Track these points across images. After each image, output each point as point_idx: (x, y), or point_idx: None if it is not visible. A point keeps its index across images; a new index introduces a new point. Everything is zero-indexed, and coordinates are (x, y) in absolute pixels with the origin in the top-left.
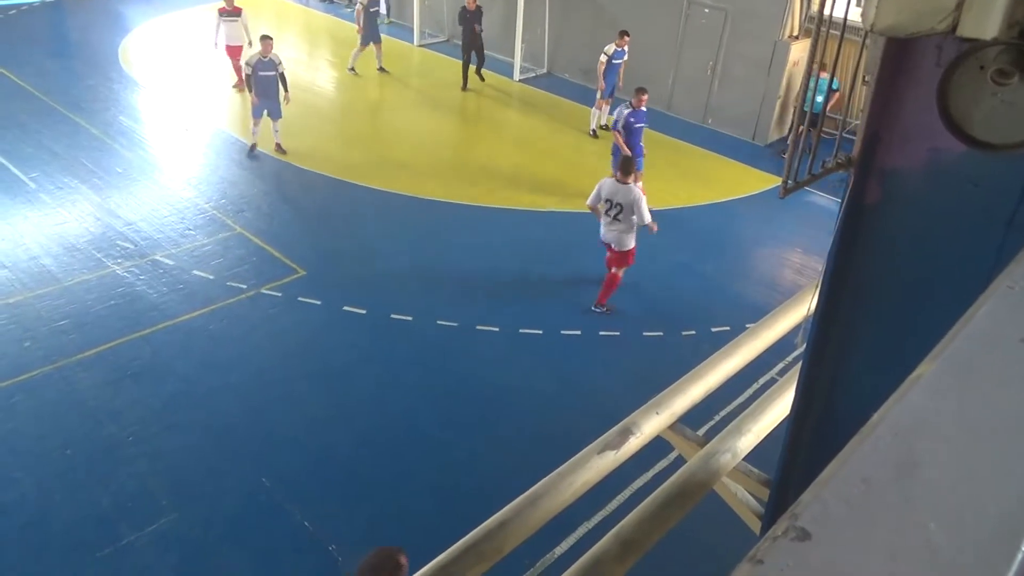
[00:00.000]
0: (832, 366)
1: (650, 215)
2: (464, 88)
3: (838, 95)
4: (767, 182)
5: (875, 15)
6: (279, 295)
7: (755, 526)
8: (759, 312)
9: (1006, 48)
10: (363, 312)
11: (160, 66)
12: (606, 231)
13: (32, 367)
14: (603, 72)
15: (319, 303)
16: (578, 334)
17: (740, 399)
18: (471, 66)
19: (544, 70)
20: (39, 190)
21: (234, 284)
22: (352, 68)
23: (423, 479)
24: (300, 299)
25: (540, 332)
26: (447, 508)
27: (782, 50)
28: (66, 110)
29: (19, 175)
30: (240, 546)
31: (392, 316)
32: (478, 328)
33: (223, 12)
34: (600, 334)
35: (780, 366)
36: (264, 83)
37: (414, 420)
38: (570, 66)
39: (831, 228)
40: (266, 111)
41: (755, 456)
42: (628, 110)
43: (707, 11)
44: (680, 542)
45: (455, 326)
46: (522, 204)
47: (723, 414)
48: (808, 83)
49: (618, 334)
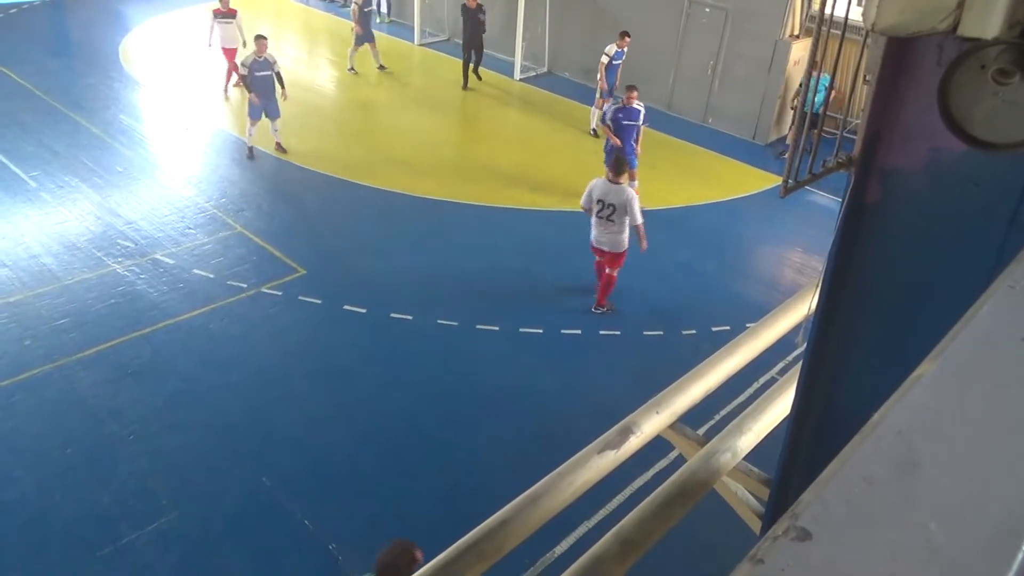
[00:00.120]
0: (832, 365)
1: (642, 216)
2: (465, 87)
3: (834, 93)
4: (767, 181)
5: (876, 14)
6: (279, 294)
7: (755, 526)
8: (759, 311)
9: (1007, 48)
10: (363, 311)
11: (160, 65)
12: (599, 233)
13: (32, 366)
14: (604, 72)
15: (319, 302)
16: (578, 333)
17: (740, 398)
18: (470, 64)
19: (544, 69)
20: (40, 189)
21: (234, 283)
22: (352, 68)
23: (423, 478)
24: (300, 298)
25: (540, 331)
26: (447, 507)
27: (783, 49)
28: (67, 109)
29: (20, 174)
30: (240, 545)
31: (392, 315)
32: (478, 327)
33: (218, 13)
34: (600, 333)
35: (780, 365)
36: (261, 83)
37: (414, 419)
38: (570, 65)
39: (831, 227)
40: (264, 111)
41: (755, 455)
42: (616, 106)
43: (708, 10)
44: (680, 541)
45: (455, 325)
46: (523, 203)
47: (723, 413)
48: (807, 83)
49: (618, 333)
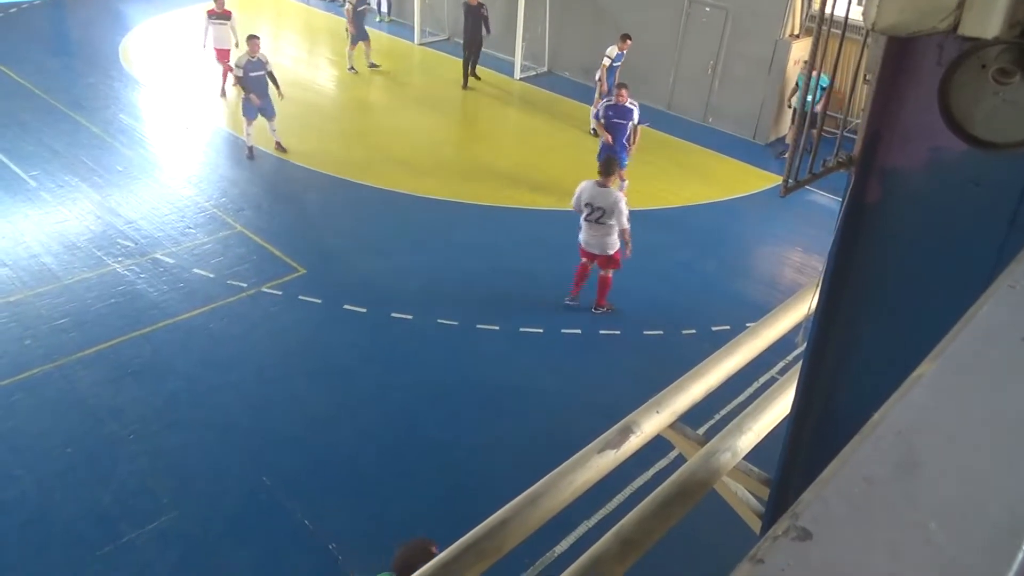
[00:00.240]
0: (833, 365)
1: (628, 220)
2: (465, 86)
3: (830, 92)
4: (768, 181)
5: (876, 14)
6: (279, 293)
7: (755, 525)
8: (759, 311)
9: (1007, 47)
10: (363, 311)
11: (160, 64)
12: (589, 236)
13: (32, 365)
14: (604, 74)
15: (319, 301)
16: (579, 333)
17: (740, 398)
18: (470, 63)
19: (545, 69)
20: (39, 188)
21: (234, 282)
22: (352, 67)
23: (423, 477)
24: (300, 297)
25: (541, 331)
26: (447, 507)
27: (783, 49)
28: (66, 108)
29: (19, 173)
30: (240, 544)
31: (392, 315)
32: (479, 327)
33: (212, 14)
34: (600, 333)
35: (780, 365)
36: (256, 83)
37: (414, 419)
38: (571, 65)
39: (831, 227)
40: (260, 111)
41: (755, 455)
42: (608, 103)
43: (708, 10)
44: (680, 541)
45: (455, 325)
46: (523, 203)
47: (723, 413)
48: (806, 82)
49: (618, 333)
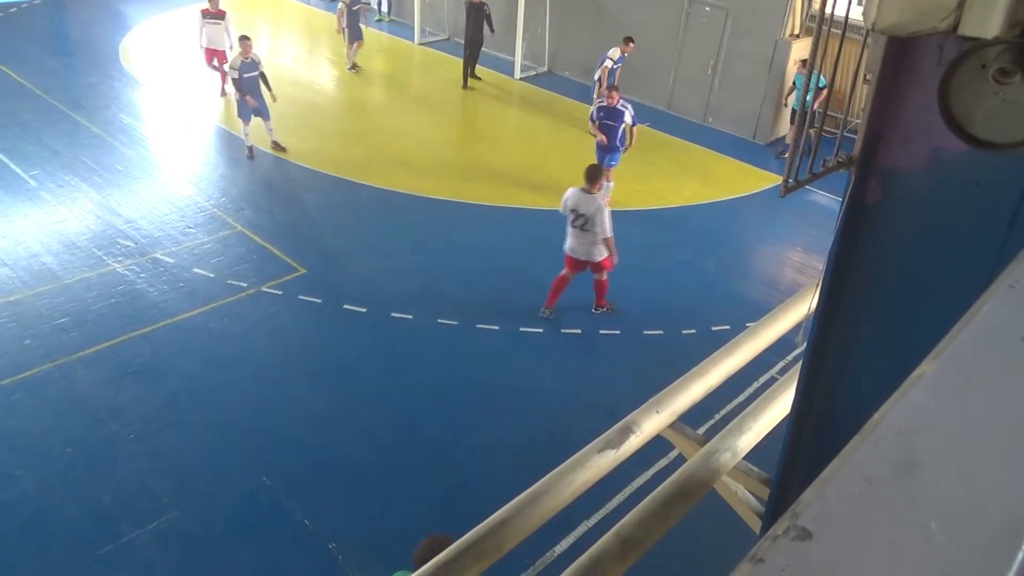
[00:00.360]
0: (833, 365)
1: (611, 229)
2: (465, 86)
3: (825, 92)
4: (768, 181)
5: (876, 14)
6: (279, 293)
7: (755, 525)
8: (759, 311)
9: (1008, 47)
10: (363, 310)
11: (160, 64)
12: (575, 243)
13: (32, 365)
14: (605, 76)
15: (319, 301)
16: (578, 333)
17: (740, 398)
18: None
19: (545, 68)
20: (40, 188)
21: (234, 282)
22: (353, 66)
23: (423, 477)
24: (300, 297)
25: (541, 331)
26: (447, 506)
27: (783, 49)
28: (67, 108)
29: (20, 173)
30: (240, 544)
31: (392, 314)
32: (479, 327)
33: (206, 14)
34: (600, 332)
35: (780, 365)
36: (250, 84)
37: (414, 419)
38: (571, 65)
39: (831, 227)
40: (254, 112)
41: (755, 455)
42: (601, 104)
43: (708, 9)
44: (680, 541)
45: (455, 324)
46: (523, 202)
47: (723, 413)
48: (803, 82)
49: (618, 333)
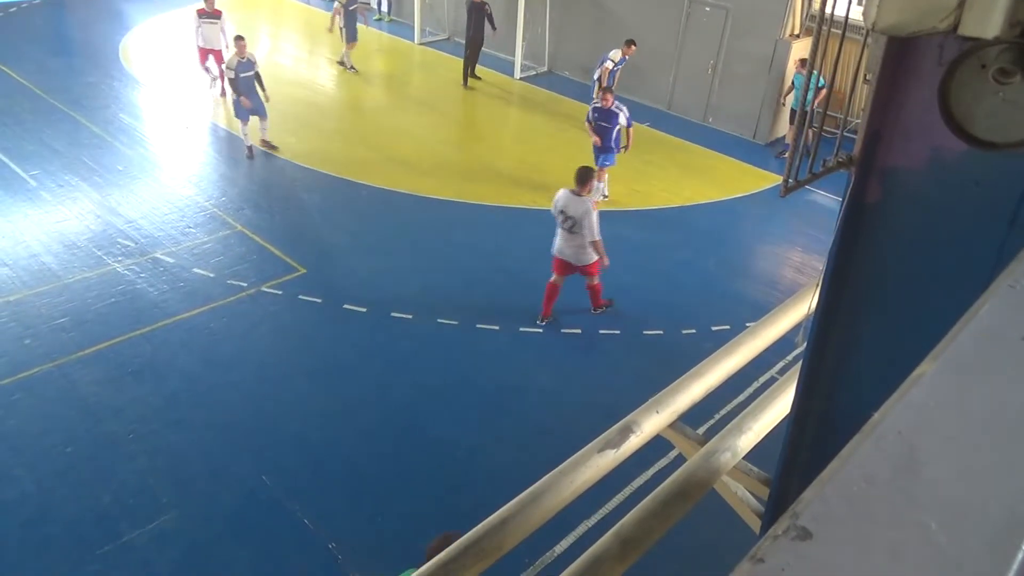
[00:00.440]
0: (833, 365)
1: (599, 232)
2: (465, 85)
3: (824, 92)
4: (767, 180)
5: (876, 14)
6: (279, 293)
7: (755, 525)
8: (759, 311)
9: (1008, 47)
10: (363, 310)
11: (161, 64)
12: (563, 244)
13: (32, 365)
14: (605, 78)
15: (320, 301)
16: (578, 333)
17: (740, 398)
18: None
19: (545, 68)
20: (39, 188)
21: (234, 282)
22: (352, 67)
23: (423, 477)
24: (301, 297)
25: (540, 330)
26: (447, 505)
27: (783, 49)
28: (67, 108)
29: (19, 173)
30: (240, 543)
31: (392, 314)
32: (479, 326)
33: (203, 14)
34: (600, 332)
35: (780, 365)
36: (246, 84)
37: (414, 418)
38: (571, 64)
39: (831, 227)
40: (252, 112)
41: (755, 455)
42: (595, 105)
43: (708, 9)
44: (680, 541)
45: (456, 324)
46: (523, 202)
47: (723, 413)
48: (801, 81)
49: (618, 332)
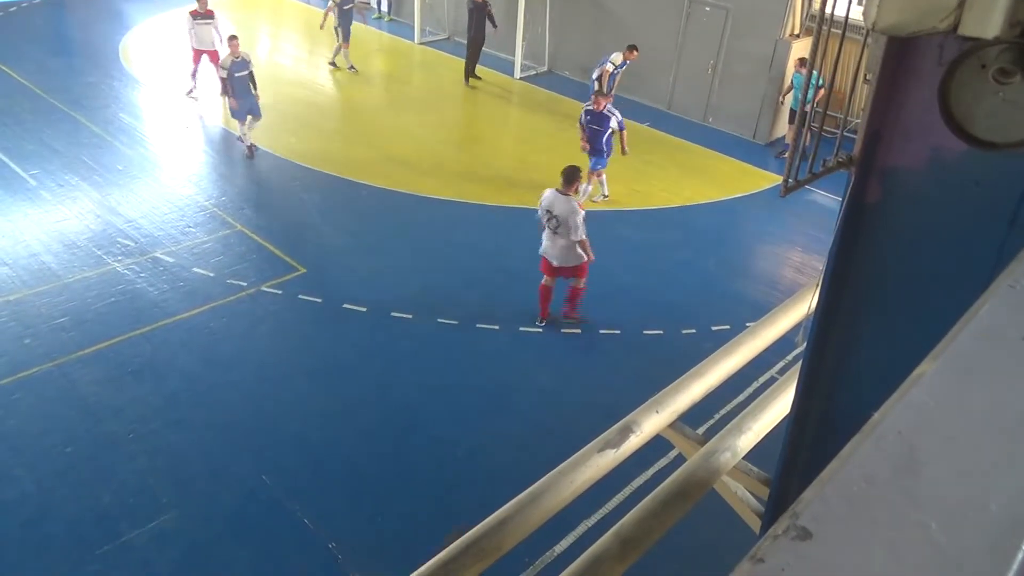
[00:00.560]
0: (833, 365)
1: (584, 233)
2: (466, 84)
3: (822, 91)
4: (768, 180)
5: (877, 14)
6: (279, 292)
7: (755, 525)
8: (759, 311)
9: (1007, 47)
10: (363, 310)
11: (160, 63)
12: (549, 245)
13: (32, 364)
14: (605, 79)
15: (319, 300)
16: (578, 332)
17: (740, 398)
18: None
19: (545, 68)
20: (39, 187)
21: (234, 282)
22: (352, 66)
23: (423, 477)
24: (300, 296)
25: (540, 330)
26: (447, 505)
27: (783, 49)
28: (67, 107)
29: (19, 172)
30: (240, 543)
31: (392, 314)
32: (478, 326)
33: (195, 15)
34: (600, 332)
35: (780, 365)
36: (240, 83)
37: (414, 418)
38: (571, 64)
39: (831, 227)
40: (248, 112)
41: (755, 455)
42: (589, 107)
43: (708, 9)
44: (680, 541)
45: (455, 324)
46: (523, 202)
47: (723, 413)
48: (801, 81)
49: (618, 332)
